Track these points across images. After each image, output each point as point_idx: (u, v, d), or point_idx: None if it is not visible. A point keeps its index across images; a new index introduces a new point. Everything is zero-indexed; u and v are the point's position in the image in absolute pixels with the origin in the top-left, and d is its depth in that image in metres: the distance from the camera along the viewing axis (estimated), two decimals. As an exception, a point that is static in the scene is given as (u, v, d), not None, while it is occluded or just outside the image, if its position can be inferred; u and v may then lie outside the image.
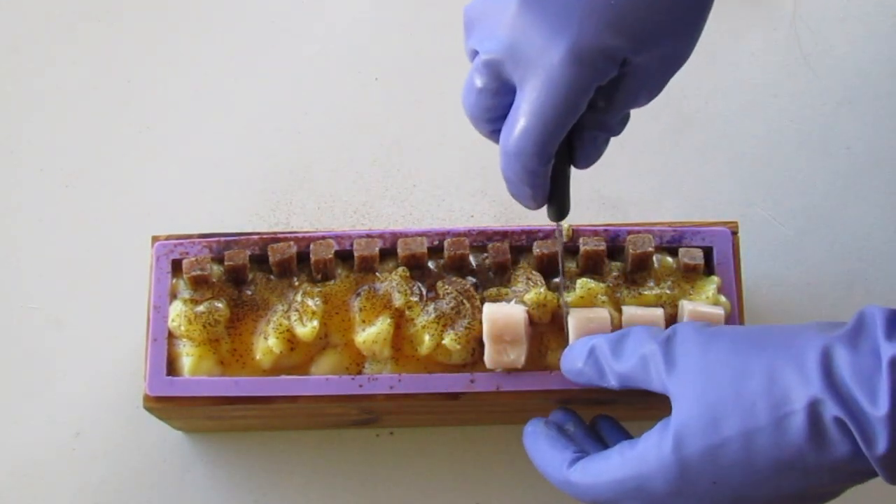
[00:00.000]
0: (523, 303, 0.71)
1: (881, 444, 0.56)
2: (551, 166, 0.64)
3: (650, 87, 0.64)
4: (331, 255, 0.72)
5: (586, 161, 0.66)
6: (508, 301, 0.71)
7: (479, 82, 0.63)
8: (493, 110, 0.64)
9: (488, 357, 0.70)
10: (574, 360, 0.67)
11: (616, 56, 0.60)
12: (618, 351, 0.64)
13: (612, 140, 0.88)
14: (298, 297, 0.72)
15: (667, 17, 0.61)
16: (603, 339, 0.65)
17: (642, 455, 0.61)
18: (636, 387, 0.64)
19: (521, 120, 0.62)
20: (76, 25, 0.92)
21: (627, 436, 0.67)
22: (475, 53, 0.63)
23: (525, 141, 0.62)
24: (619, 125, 0.66)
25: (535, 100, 0.61)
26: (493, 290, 0.72)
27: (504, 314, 0.70)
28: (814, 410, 0.58)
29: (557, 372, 0.69)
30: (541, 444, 0.66)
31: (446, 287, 0.72)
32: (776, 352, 0.60)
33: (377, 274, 0.73)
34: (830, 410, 0.57)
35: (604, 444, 0.67)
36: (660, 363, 0.62)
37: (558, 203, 0.66)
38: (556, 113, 0.61)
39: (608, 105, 0.63)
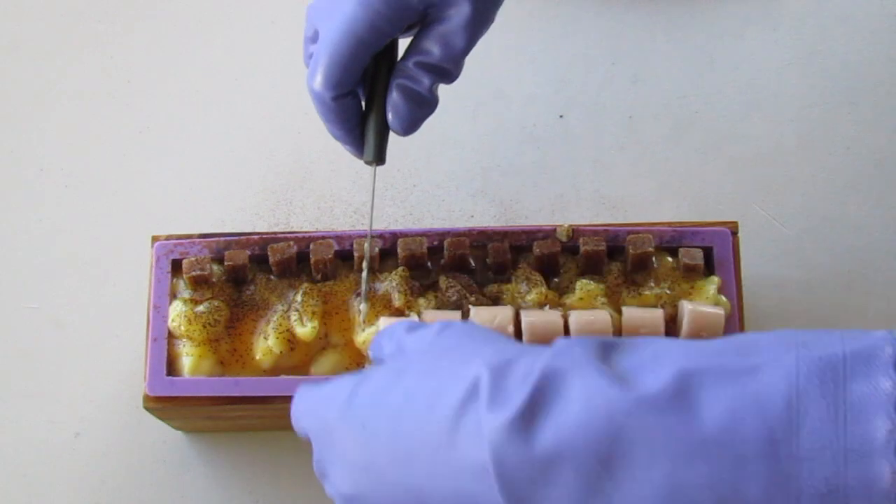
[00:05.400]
0: (525, 302, 0.71)
1: (507, 411, 0.51)
2: (351, 106, 0.67)
3: (447, 41, 0.67)
4: (331, 255, 0.72)
5: (395, 114, 0.67)
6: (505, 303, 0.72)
7: (305, 32, 0.69)
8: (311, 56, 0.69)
9: None
10: (380, 333, 0.63)
11: (406, 2, 0.65)
12: (414, 329, 0.61)
13: (613, 140, 0.88)
14: (298, 297, 0.72)
15: None
16: (405, 322, 0.63)
17: (337, 386, 0.58)
18: None
19: (316, 58, 0.67)
20: (76, 25, 0.92)
21: None
22: None
23: (317, 76, 0.67)
24: (421, 75, 0.67)
25: (325, 39, 0.66)
26: (493, 287, 0.72)
27: (542, 321, 0.70)
28: (471, 389, 0.53)
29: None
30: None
31: (450, 281, 0.72)
32: (506, 345, 0.57)
33: (377, 274, 0.73)
34: (482, 389, 0.53)
35: None
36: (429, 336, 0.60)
37: (373, 146, 0.68)
38: (341, 47, 0.66)
39: (410, 52, 0.67)
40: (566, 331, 0.69)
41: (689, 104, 0.89)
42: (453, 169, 0.88)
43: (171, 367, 0.72)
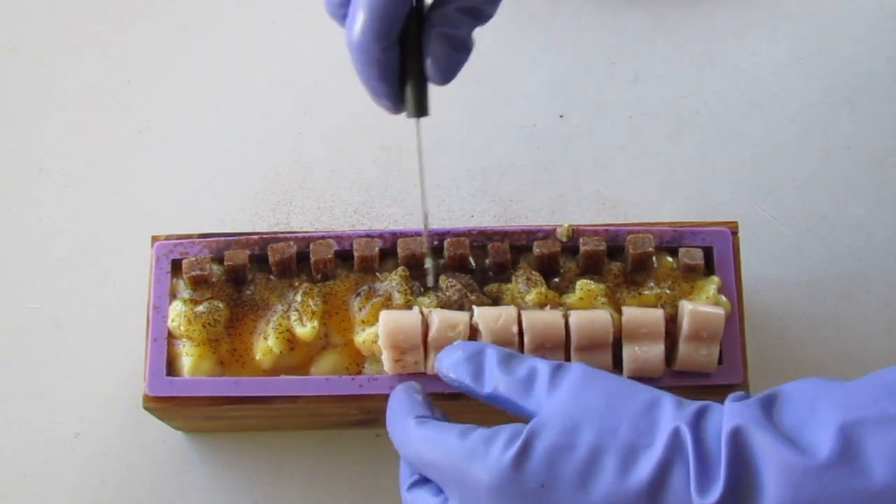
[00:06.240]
0: (524, 302, 0.71)
1: (714, 492, 0.55)
2: (395, 56, 0.64)
3: None
4: (331, 255, 0.72)
5: (436, 63, 0.65)
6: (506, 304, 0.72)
7: None
8: (343, 6, 0.65)
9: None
10: (453, 357, 0.65)
11: None
12: (507, 363, 0.63)
13: (613, 140, 0.88)
14: (298, 297, 0.72)
15: None
16: (493, 348, 0.64)
17: (487, 442, 0.59)
18: (508, 399, 0.62)
19: (357, 11, 0.63)
20: (76, 25, 0.92)
21: None
22: None
23: (362, 31, 0.63)
24: (463, 20, 0.65)
25: None
26: (493, 286, 0.72)
27: (544, 322, 0.69)
28: (671, 446, 0.56)
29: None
30: (405, 393, 0.65)
31: (450, 280, 0.72)
32: (664, 392, 0.60)
33: (377, 274, 0.73)
34: (686, 449, 0.56)
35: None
36: (545, 381, 0.61)
37: (415, 99, 0.66)
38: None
39: None
40: (567, 331, 0.69)
41: (689, 104, 0.89)
42: (453, 169, 0.88)
43: (171, 367, 0.72)
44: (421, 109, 0.66)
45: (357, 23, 0.63)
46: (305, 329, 0.71)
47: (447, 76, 0.65)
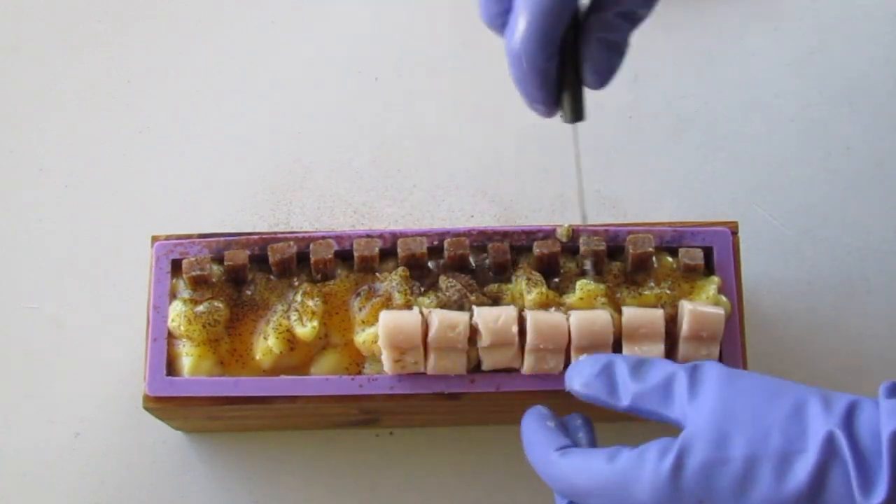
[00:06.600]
0: (525, 303, 0.71)
1: (879, 493, 0.55)
2: (556, 64, 0.63)
3: None
4: (331, 255, 0.72)
5: (594, 68, 0.64)
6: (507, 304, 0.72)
7: None
8: (502, 14, 0.64)
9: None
10: (583, 373, 0.64)
11: None
12: (638, 371, 0.63)
13: (613, 140, 0.88)
14: (298, 297, 0.72)
15: None
16: (621, 358, 0.64)
17: (638, 462, 0.59)
18: (649, 410, 0.62)
19: (519, 19, 0.62)
20: (76, 25, 0.92)
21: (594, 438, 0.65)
22: None
23: (525, 39, 0.62)
24: (621, 24, 0.64)
25: None
26: (493, 286, 0.72)
27: (547, 322, 0.69)
28: (826, 450, 0.56)
29: (560, 372, 0.69)
30: (536, 424, 0.65)
31: (450, 280, 0.72)
32: (808, 389, 0.59)
33: (377, 274, 0.73)
34: (843, 452, 0.56)
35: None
36: (684, 387, 0.61)
37: (572, 104, 0.65)
38: (550, 5, 0.61)
39: (606, 2, 0.64)
40: (567, 331, 0.69)
41: (689, 104, 0.89)
42: (453, 169, 0.88)
43: (171, 367, 0.72)
44: (578, 114, 0.65)
45: (519, 31, 0.62)
46: (305, 329, 0.71)
47: (605, 81, 0.64)
